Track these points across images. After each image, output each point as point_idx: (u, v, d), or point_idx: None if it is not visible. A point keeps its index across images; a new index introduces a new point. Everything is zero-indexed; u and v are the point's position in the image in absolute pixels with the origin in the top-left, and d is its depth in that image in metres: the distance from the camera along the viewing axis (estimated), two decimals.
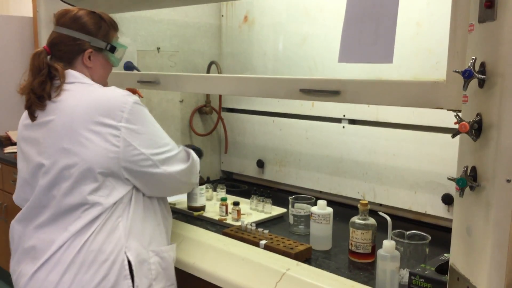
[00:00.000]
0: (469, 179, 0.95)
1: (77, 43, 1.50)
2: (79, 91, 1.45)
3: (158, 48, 2.56)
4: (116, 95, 1.43)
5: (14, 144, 3.58)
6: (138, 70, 2.22)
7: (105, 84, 1.58)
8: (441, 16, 1.89)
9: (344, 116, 2.29)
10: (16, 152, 1.61)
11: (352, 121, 2.28)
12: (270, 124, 2.63)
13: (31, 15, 4.03)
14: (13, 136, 3.68)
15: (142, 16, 2.47)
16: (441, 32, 1.87)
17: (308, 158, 2.46)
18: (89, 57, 1.52)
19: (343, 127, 2.30)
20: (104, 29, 1.54)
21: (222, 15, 2.80)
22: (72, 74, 1.49)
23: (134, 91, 2.46)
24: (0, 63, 3.84)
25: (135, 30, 2.44)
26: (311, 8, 2.35)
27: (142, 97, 2.50)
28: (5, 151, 3.44)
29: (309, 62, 2.39)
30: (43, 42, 2.21)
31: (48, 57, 1.50)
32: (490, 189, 0.91)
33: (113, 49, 1.56)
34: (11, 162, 3.14)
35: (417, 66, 1.99)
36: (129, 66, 2.17)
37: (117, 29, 1.61)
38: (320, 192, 2.42)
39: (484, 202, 0.93)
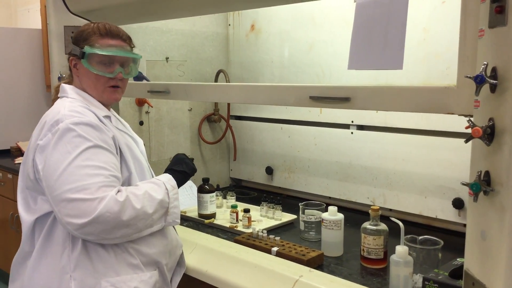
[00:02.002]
0: (483, 184, 0.95)
1: (68, 53, 1.53)
2: (53, 107, 1.45)
3: (167, 58, 2.58)
4: (53, 113, 1.37)
5: None
6: (147, 80, 2.24)
7: (99, 95, 1.48)
8: (448, 21, 1.90)
9: (352, 122, 2.30)
10: None
11: (361, 127, 2.29)
12: (278, 131, 2.64)
13: (39, 27, 4.08)
14: (23, 146, 3.71)
15: (151, 27, 2.49)
16: (448, 37, 1.89)
17: (317, 164, 2.47)
18: (76, 66, 1.48)
19: (352, 133, 2.31)
20: (84, 35, 1.45)
21: (229, 24, 2.83)
22: (62, 88, 1.49)
23: (144, 101, 2.50)
24: (9, 75, 3.89)
25: (144, 41, 2.47)
26: (317, 15, 2.37)
27: (152, 107, 2.54)
28: (16, 161, 3.48)
29: (316, 69, 2.40)
30: (54, 54, 2.25)
31: None
32: (504, 193, 0.91)
33: (83, 55, 1.43)
34: None
35: (425, 71, 1.99)
36: (138, 77, 2.20)
37: (109, 35, 1.46)
38: (330, 198, 2.43)
39: (498, 206, 0.93)
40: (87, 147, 1.31)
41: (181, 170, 1.59)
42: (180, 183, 1.55)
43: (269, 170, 2.69)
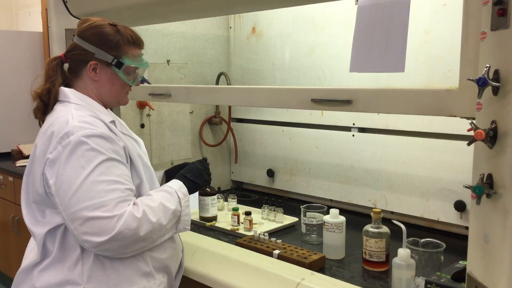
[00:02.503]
0: (485, 187, 0.95)
1: (82, 53, 1.42)
2: (55, 113, 1.38)
3: (168, 61, 2.59)
4: (61, 123, 1.31)
5: (26, 157, 3.61)
6: (149, 83, 2.24)
7: (116, 101, 1.49)
8: (449, 24, 1.90)
9: (353, 124, 2.30)
10: None
11: (362, 129, 2.29)
12: (279, 133, 2.64)
13: (40, 30, 4.08)
14: (24, 149, 3.72)
15: (152, 30, 2.50)
16: (450, 39, 1.89)
17: (318, 166, 2.46)
18: (95, 70, 1.42)
19: (353, 135, 2.30)
20: (114, 42, 1.41)
21: (230, 27, 2.83)
22: (63, 92, 1.42)
23: (145, 104, 2.50)
24: (10, 78, 3.90)
25: (145, 44, 2.46)
26: (318, 18, 2.37)
27: (153, 110, 2.54)
28: (17, 164, 3.48)
29: (317, 71, 2.40)
30: None
31: (66, 65, 1.47)
32: (507, 196, 0.91)
33: (119, 65, 1.42)
34: (22, 176, 3.17)
35: (427, 74, 1.99)
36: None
37: (138, 45, 1.47)
38: (331, 200, 2.42)
39: (501, 209, 0.93)
40: (101, 161, 1.27)
41: (193, 180, 1.58)
42: (190, 191, 1.54)
43: (270, 173, 2.69)
